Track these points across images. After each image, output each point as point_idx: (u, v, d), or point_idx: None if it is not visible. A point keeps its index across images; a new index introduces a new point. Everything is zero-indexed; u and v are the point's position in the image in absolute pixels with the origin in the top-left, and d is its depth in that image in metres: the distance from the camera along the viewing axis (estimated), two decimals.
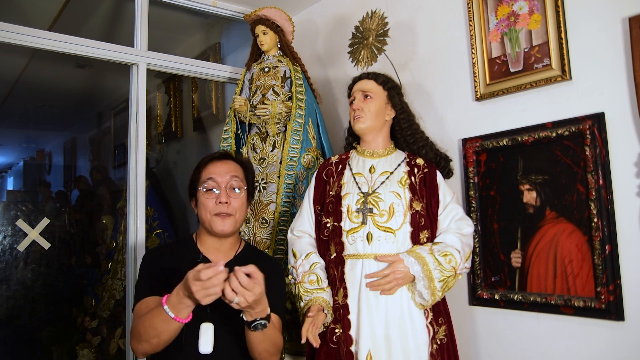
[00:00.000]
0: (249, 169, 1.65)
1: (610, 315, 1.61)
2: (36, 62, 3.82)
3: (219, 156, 1.61)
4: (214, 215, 1.52)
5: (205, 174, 1.55)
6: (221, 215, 1.51)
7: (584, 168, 1.70)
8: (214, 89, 3.70)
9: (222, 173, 1.54)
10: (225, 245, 1.58)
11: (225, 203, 1.51)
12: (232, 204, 1.53)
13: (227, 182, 1.53)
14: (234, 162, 1.61)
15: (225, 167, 1.56)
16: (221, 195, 1.52)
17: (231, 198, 1.53)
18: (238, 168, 1.60)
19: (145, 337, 1.35)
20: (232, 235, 1.59)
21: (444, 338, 1.69)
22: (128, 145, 2.62)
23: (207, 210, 1.53)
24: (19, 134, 5.99)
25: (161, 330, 1.32)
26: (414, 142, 1.88)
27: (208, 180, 1.54)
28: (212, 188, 1.53)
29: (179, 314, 1.28)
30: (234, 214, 1.53)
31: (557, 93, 1.81)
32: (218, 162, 1.58)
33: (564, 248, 1.74)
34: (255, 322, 1.31)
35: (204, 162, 1.60)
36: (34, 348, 3.98)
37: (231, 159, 1.61)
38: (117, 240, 3.62)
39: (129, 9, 2.77)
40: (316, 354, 1.71)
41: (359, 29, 2.12)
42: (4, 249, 3.81)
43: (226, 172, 1.55)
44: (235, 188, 1.55)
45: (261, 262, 1.59)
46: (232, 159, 1.62)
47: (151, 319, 1.34)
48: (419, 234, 1.72)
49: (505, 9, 1.96)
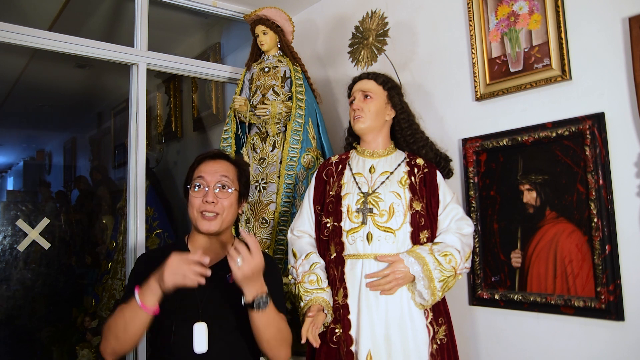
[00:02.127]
0: (243, 169, 1.64)
1: (610, 315, 1.61)
2: (36, 62, 3.82)
3: (212, 155, 1.61)
4: (199, 214, 1.52)
5: (197, 172, 1.56)
6: (206, 216, 1.51)
7: (584, 168, 1.70)
8: (214, 89, 3.70)
9: (212, 172, 1.54)
10: (215, 244, 1.57)
11: (212, 202, 1.51)
12: (219, 203, 1.52)
13: (216, 181, 1.53)
14: (226, 161, 1.60)
15: (217, 166, 1.56)
16: (208, 194, 1.51)
17: (219, 198, 1.52)
18: (230, 168, 1.59)
19: (114, 330, 1.36)
20: (223, 234, 1.58)
21: (444, 338, 1.69)
22: (128, 145, 2.62)
23: (194, 208, 1.53)
24: (19, 134, 5.99)
25: (128, 319, 1.33)
26: (414, 142, 1.88)
27: (197, 178, 1.54)
28: (201, 185, 1.53)
29: (145, 300, 1.31)
30: (220, 212, 1.52)
31: (557, 93, 1.81)
32: (210, 162, 1.58)
33: (564, 248, 1.74)
34: (255, 300, 1.33)
35: (197, 160, 1.60)
36: (34, 348, 3.98)
37: (224, 159, 1.61)
38: (117, 240, 3.62)
39: (129, 9, 2.77)
40: (316, 354, 1.71)
41: (359, 29, 2.12)
42: (4, 249, 3.81)
43: (216, 171, 1.55)
44: (225, 187, 1.54)
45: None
46: (226, 159, 1.61)
47: (122, 310, 1.37)
48: (419, 234, 1.72)
49: (505, 9, 1.96)
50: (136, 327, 1.34)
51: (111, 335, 1.37)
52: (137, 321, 1.34)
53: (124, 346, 1.38)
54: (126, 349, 1.39)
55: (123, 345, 1.38)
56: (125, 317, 1.35)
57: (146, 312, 1.32)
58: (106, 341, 1.38)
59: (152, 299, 1.32)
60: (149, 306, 1.31)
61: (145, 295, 1.32)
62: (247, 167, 1.74)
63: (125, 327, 1.35)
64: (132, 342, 1.37)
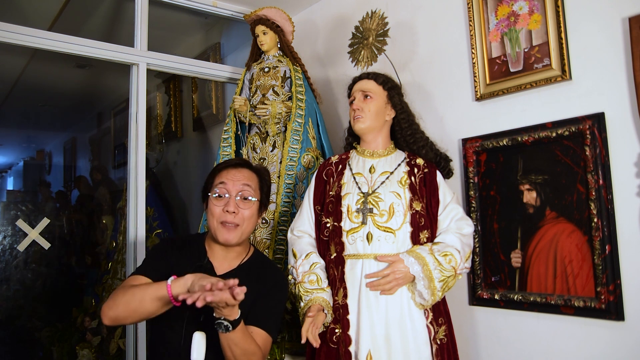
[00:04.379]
0: (265, 179, 1.62)
1: (610, 315, 1.61)
2: (36, 62, 3.82)
3: (235, 164, 1.59)
4: (219, 224, 1.50)
5: (218, 178, 1.54)
6: (227, 225, 1.49)
7: (584, 168, 1.70)
8: (214, 89, 3.70)
9: (234, 180, 1.52)
10: (231, 254, 1.57)
11: (233, 212, 1.49)
12: (240, 214, 1.50)
13: (239, 190, 1.51)
14: (249, 170, 1.58)
15: (240, 174, 1.54)
16: (230, 204, 1.49)
17: (240, 208, 1.51)
18: (253, 177, 1.57)
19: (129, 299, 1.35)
20: (240, 245, 1.57)
21: (444, 338, 1.69)
22: (128, 145, 2.62)
23: (214, 217, 1.51)
24: (19, 134, 6.00)
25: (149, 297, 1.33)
26: (414, 142, 1.88)
27: (219, 184, 1.52)
28: (222, 194, 1.51)
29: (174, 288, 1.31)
30: (241, 224, 1.50)
31: (557, 93, 1.81)
32: (233, 170, 1.56)
33: (564, 248, 1.74)
34: (218, 320, 1.31)
35: (220, 167, 1.58)
36: (34, 348, 3.98)
37: (248, 167, 1.59)
38: (117, 240, 3.62)
39: (129, 9, 2.77)
40: (316, 354, 1.71)
41: (359, 29, 2.12)
42: (4, 249, 3.81)
43: (239, 179, 1.53)
44: (247, 197, 1.52)
45: (266, 271, 1.58)
46: (249, 167, 1.59)
47: (147, 287, 1.36)
48: (419, 234, 1.72)
49: (505, 9, 1.96)
50: (152, 307, 1.34)
51: (122, 302, 1.36)
52: (156, 303, 1.33)
53: (130, 317, 1.37)
54: (129, 320, 1.38)
55: (129, 315, 1.36)
56: (147, 292, 1.34)
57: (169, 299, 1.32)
58: (114, 304, 1.36)
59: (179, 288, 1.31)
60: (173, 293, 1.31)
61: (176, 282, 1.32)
62: (269, 176, 1.71)
63: (142, 301, 1.34)
64: (139, 317, 1.37)
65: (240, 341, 1.36)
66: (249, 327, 1.44)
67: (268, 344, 1.50)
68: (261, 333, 1.47)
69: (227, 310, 1.29)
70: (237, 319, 1.32)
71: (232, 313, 1.30)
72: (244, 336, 1.37)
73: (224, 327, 1.31)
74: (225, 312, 1.29)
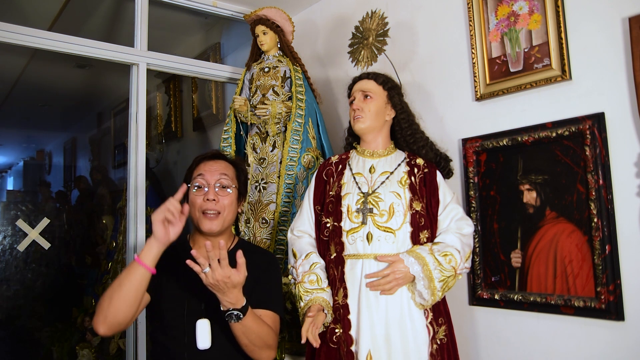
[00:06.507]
0: (241, 168, 1.67)
1: (610, 315, 1.61)
2: (36, 62, 3.82)
3: (210, 156, 1.64)
4: (201, 214, 1.54)
5: (197, 171, 1.59)
6: (208, 215, 1.53)
7: (584, 168, 1.70)
8: (214, 89, 3.70)
9: (211, 171, 1.57)
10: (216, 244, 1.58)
11: (213, 200, 1.53)
12: (220, 202, 1.55)
13: (217, 179, 1.56)
14: (225, 161, 1.64)
15: (217, 165, 1.60)
16: (209, 192, 1.54)
17: (220, 196, 1.55)
18: (229, 167, 1.62)
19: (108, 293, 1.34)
20: (224, 234, 1.60)
21: (444, 338, 1.69)
22: (128, 145, 2.62)
23: (196, 207, 1.55)
24: (19, 134, 6.00)
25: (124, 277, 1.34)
26: (414, 142, 1.88)
27: (198, 177, 1.57)
28: (202, 185, 1.56)
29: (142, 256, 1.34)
30: (222, 211, 1.55)
31: (557, 93, 1.81)
32: (209, 162, 1.61)
33: (564, 248, 1.74)
34: (228, 312, 1.34)
35: (196, 161, 1.63)
36: (34, 348, 3.98)
37: (222, 159, 1.64)
38: (117, 240, 3.62)
39: (129, 9, 2.77)
40: (316, 354, 1.71)
41: (359, 29, 2.12)
42: (4, 249, 3.81)
43: (216, 170, 1.58)
44: (225, 187, 1.57)
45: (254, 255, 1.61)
46: (224, 159, 1.65)
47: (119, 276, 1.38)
48: (419, 234, 1.72)
49: (505, 9, 1.96)
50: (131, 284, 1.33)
51: (105, 300, 1.34)
52: (134, 279, 1.33)
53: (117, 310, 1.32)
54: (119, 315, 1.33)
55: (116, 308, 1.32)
56: (121, 277, 1.35)
57: (143, 268, 1.33)
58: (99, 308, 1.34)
59: (149, 256, 1.34)
60: (146, 262, 1.34)
61: (142, 252, 1.35)
62: (245, 166, 1.77)
63: (121, 284, 1.34)
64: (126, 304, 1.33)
65: (253, 326, 1.39)
66: (256, 310, 1.47)
67: (277, 323, 1.54)
68: (268, 313, 1.51)
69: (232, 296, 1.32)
70: (245, 305, 1.36)
71: (238, 300, 1.34)
72: (255, 320, 1.40)
73: (234, 316, 1.34)
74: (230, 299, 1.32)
